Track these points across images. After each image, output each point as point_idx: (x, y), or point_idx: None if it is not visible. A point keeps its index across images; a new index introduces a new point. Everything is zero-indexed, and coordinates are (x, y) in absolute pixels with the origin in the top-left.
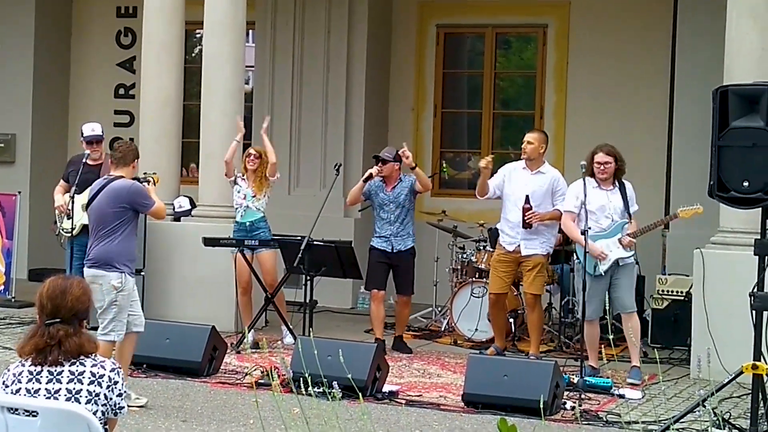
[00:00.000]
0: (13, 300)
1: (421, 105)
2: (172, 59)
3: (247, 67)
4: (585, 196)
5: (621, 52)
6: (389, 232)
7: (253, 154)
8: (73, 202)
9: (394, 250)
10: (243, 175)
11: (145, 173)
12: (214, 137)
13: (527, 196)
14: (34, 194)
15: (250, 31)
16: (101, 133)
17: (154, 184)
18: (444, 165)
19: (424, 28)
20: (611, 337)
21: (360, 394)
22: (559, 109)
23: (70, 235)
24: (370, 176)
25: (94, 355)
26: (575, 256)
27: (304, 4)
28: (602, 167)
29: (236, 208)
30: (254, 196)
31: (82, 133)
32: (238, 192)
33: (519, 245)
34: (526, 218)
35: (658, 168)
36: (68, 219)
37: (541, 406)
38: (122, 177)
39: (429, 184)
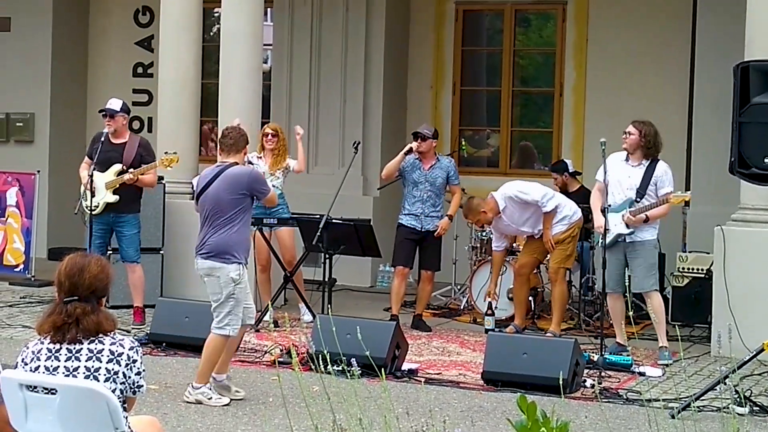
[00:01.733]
0: (32, 279)
1: (440, 83)
2: (191, 37)
3: (265, 45)
4: (606, 170)
5: (641, 29)
6: (420, 210)
7: (270, 132)
8: (92, 180)
9: (423, 229)
10: (260, 155)
11: (165, 152)
12: (232, 116)
13: None
14: (53, 173)
15: (269, 10)
16: (117, 108)
17: (170, 164)
18: (463, 143)
19: (443, 6)
20: (631, 314)
21: (379, 372)
22: (579, 87)
23: (90, 213)
24: (410, 150)
25: (113, 333)
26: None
27: None
28: (624, 136)
29: None
30: (272, 174)
31: (103, 109)
32: None
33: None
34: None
35: (678, 145)
36: (92, 197)
37: (561, 383)
38: (236, 164)
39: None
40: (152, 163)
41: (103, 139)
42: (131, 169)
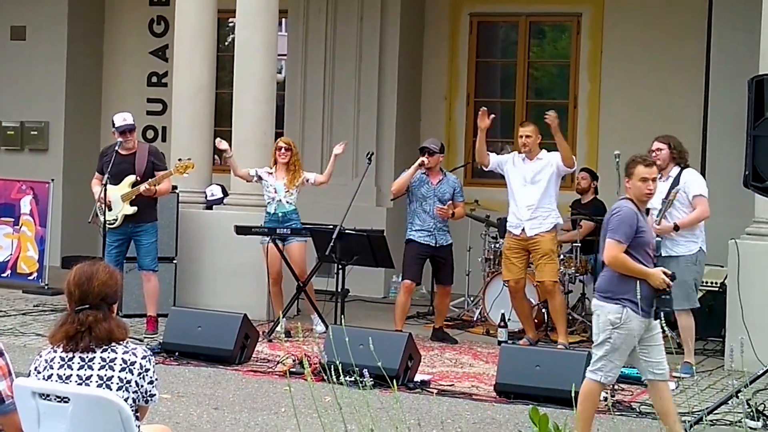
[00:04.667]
0: (46, 287)
1: (454, 94)
2: (205, 47)
3: (279, 55)
4: (619, 185)
5: (656, 41)
6: (432, 225)
7: (284, 146)
8: (105, 193)
9: (437, 245)
10: (271, 169)
11: (180, 159)
12: (246, 125)
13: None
14: (67, 182)
15: (283, 20)
16: (132, 122)
17: (186, 170)
18: None
19: (457, 17)
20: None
21: (391, 383)
22: (593, 99)
23: (112, 227)
24: (422, 164)
25: (125, 341)
26: None
27: None
28: (653, 154)
29: (268, 202)
30: (287, 191)
31: (113, 124)
32: (267, 187)
33: (523, 227)
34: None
35: (693, 158)
36: (109, 210)
37: (574, 396)
38: None
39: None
40: (166, 171)
41: (112, 152)
42: (148, 180)
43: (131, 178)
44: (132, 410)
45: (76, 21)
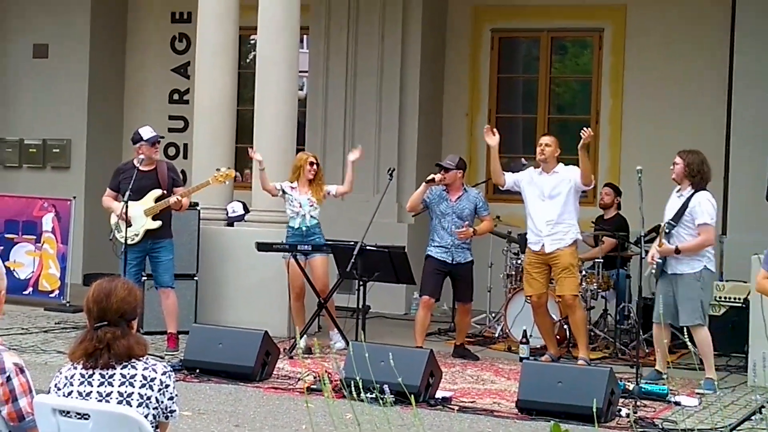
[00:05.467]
0: (67, 305)
1: (476, 110)
2: (226, 64)
3: (300, 72)
4: (642, 200)
5: (678, 56)
6: (450, 242)
7: (315, 162)
8: (127, 209)
9: (454, 262)
10: (293, 184)
11: (218, 169)
12: (267, 142)
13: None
14: (89, 199)
15: (304, 36)
16: (155, 134)
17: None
18: None
19: (479, 33)
20: (666, 342)
21: (412, 400)
22: (615, 114)
23: (126, 243)
24: (433, 180)
25: (145, 358)
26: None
27: (358, 9)
28: (671, 167)
29: (291, 216)
30: (312, 205)
31: (141, 137)
32: (292, 202)
33: (543, 243)
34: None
35: (716, 172)
36: (129, 227)
37: (595, 412)
38: None
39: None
40: (203, 182)
41: (131, 168)
42: (179, 191)
43: (156, 192)
44: (152, 426)
45: (98, 39)
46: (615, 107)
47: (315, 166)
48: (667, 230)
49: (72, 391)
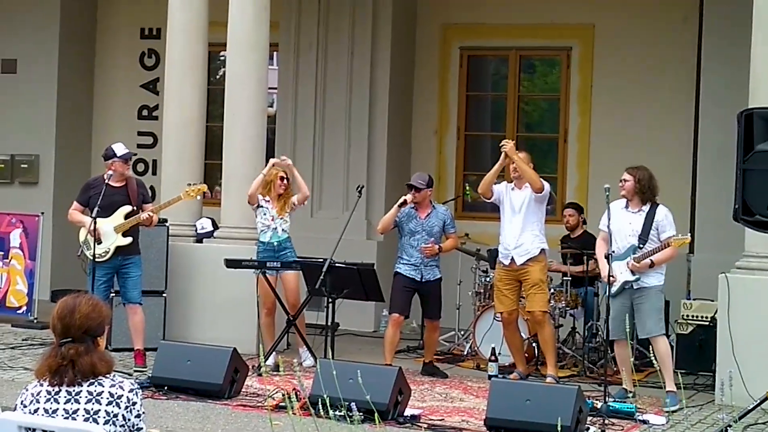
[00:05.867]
0: (35, 321)
1: (445, 127)
2: (196, 80)
3: (270, 89)
4: (609, 219)
5: (646, 75)
6: (419, 260)
7: (285, 177)
8: (95, 226)
9: (423, 279)
10: (266, 198)
11: (189, 183)
12: (236, 159)
13: None
14: (57, 215)
15: (274, 53)
16: (127, 151)
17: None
18: (467, 188)
19: (448, 51)
20: (632, 360)
21: (380, 418)
22: (584, 133)
23: (102, 259)
24: (404, 203)
25: (113, 375)
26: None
27: (328, 26)
28: (620, 184)
29: (262, 230)
30: (281, 217)
31: (115, 154)
32: (264, 214)
33: (512, 257)
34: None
35: (683, 191)
36: (98, 244)
37: (561, 430)
38: None
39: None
40: (174, 197)
41: (101, 183)
42: (149, 207)
43: (126, 209)
44: None
45: (67, 54)
46: (583, 125)
47: (285, 181)
48: (640, 246)
49: (38, 408)
